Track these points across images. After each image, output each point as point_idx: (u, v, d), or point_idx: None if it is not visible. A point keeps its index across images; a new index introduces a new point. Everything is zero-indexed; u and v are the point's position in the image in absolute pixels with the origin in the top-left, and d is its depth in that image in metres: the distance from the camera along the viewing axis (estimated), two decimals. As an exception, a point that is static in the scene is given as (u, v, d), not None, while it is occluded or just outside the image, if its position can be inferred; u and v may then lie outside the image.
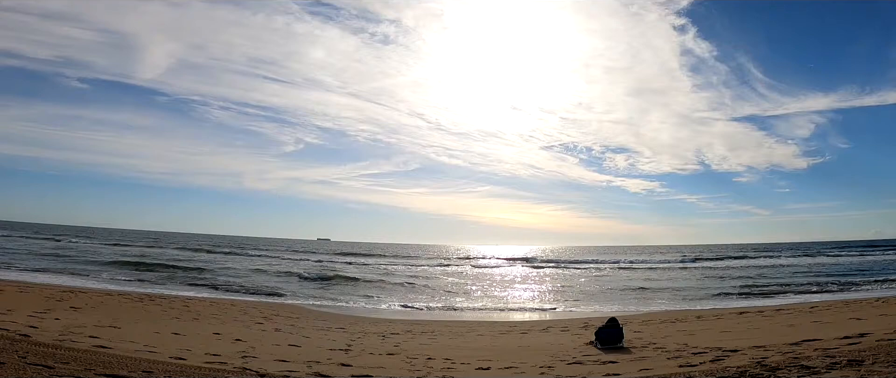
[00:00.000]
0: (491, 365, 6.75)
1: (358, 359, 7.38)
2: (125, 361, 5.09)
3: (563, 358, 7.08)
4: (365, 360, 7.37)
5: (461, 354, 7.82)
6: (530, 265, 50.50)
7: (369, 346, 8.85)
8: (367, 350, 8.31)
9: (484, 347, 8.69)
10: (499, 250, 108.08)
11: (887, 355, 4.73)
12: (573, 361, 6.78)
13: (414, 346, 8.96)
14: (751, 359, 5.53)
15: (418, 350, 8.40)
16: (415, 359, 7.49)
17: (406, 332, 10.92)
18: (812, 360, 4.99)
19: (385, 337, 10.11)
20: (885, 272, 26.84)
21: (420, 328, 11.75)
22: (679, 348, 6.98)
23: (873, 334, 6.42)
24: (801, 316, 10.23)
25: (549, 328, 10.94)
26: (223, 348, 7.29)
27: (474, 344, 9.32)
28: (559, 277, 34.15)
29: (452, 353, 7.91)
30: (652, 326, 10.02)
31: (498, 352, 8.06)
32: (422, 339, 9.90)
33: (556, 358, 7.15)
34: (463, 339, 9.91)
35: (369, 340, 9.59)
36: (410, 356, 7.70)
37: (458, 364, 7.01)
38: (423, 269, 40.41)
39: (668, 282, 28.65)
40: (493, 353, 7.97)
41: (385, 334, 10.49)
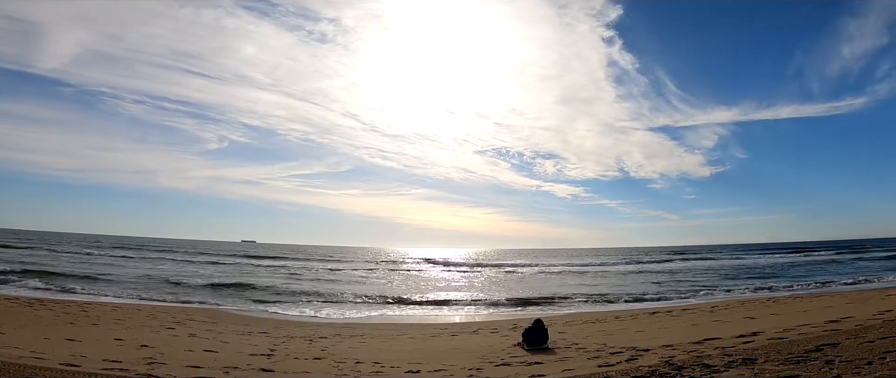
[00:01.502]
0: (421, 367, 6.73)
1: (281, 363, 7.05)
2: (5, 368, 4.48)
3: (491, 359, 7.21)
4: (289, 364, 7.06)
5: (391, 357, 7.74)
6: (462, 267, 51.16)
7: (294, 350, 8.50)
8: (291, 354, 7.98)
9: (414, 350, 8.66)
10: (432, 253, 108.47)
11: (777, 353, 5.30)
12: (501, 363, 6.92)
13: (342, 349, 8.74)
14: (660, 358, 5.96)
15: (347, 354, 8.21)
16: (343, 362, 7.30)
17: (334, 336, 10.62)
18: (712, 358, 5.48)
19: (312, 341, 9.75)
20: (777, 274, 30.26)
21: (349, 331, 11.47)
22: (599, 348, 7.37)
23: (765, 333, 7.19)
24: (704, 315, 11.22)
25: (480, 330, 11.12)
26: (125, 354, 6.67)
27: (405, 346, 9.26)
28: (490, 279, 34.93)
29: (382, 357, 7.80)
30: (575, 327, 10.51)
31: (428, 354, 8.05)
32: (351, 343, 9.68)
33: (485, 359, 7.26)
34: (393, 342, 9.81)
35: (295, 345, 9.21)
36: (338, 360, 7.50)
37: (387, 367, 6.92)
38: (355, 272, 39.59)
39: (590, 283, 30.28)
40: (423, 355, 7.95)
41: (312, 338, 10.12)
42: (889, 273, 25.55)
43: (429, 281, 34.14)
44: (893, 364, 4.11)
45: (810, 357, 4.87)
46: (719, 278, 29.77)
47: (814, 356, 4.91)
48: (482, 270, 46.00)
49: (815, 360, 4.73)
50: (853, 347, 5.16)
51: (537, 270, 44.88)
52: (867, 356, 4.56)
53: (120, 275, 26.34)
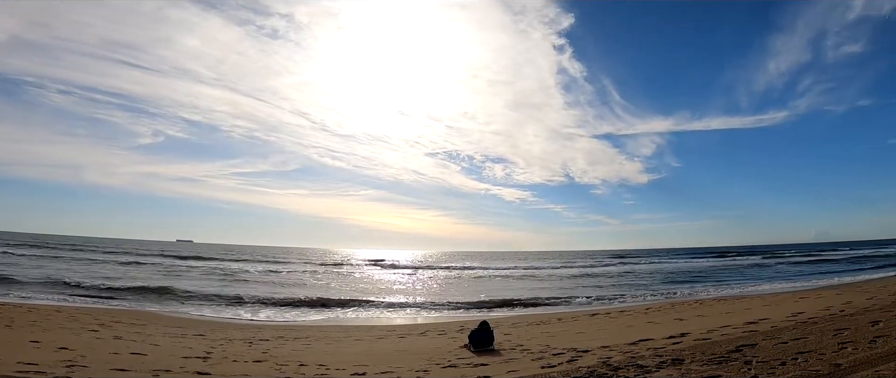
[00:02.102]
0: (367, 370, 6.65)
1: (218, 366, 6.74)
2: None
3: (438, 361, 7.25)
4: (226, 367, 6.76)
5: (336, 360, 7.60)
6: (411, 269, 50.97)
7: (233, 352, 8.14)
8: (230, 357, 7.64)
9: (360, 352, 8.55)
10: (380, 254, 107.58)
11: (702, 353, 5.70)
12: (448, 364, 6.98)
13: (285, 352, 8.48)
14: (599, 359, 6.24)
15: (290, 356, 7.98)
16: (285, 365, 7.10)
17: (277, 338, 10.27)
18: (645, 359, 5.80)
19: (252, 343, 9.38)
20: (705, 277, 32.40)
21: (293, 334, 11.14)
22: (542, 349, 7.59)
23: (692, 334, 7.70)
24: (639, 317, 11.84)
25: (427, 332, 11.14)
26: (42, 357, 6.14)
27: (351, 349, 9.11)
28: (438, 281, 35.06)
29: (327, 359, 7.65)
30: (520, 329, 10.77)
31: (375, 356, 7.98)
32: (294, 345, 9.40)
33: (432, 361, 7.29)
34: (339, 345, 9.62)
35: (234, 347, 8.82)
36: (280, 363, 7.28)
37: (332, 369, 6.80)
38: (299, 273, 38.48)
39: (535, 286, 31.10)
40: (369, 357, 7.86)
41: (252, 341, 9.74)
42: (803, 277, 28.07)
43: (377, 283, 33.78)
44: (804, 365, 4.54)
45: (731, 358, 5.28)
46: (653, 281, 31.50)
47: (734, 357, 5.33)
48: (430, 272, 46.10)
49: (735, 360, 5.13)
50: (769, 348, 5.65)
51: (484, 273, 45.56)
52: (781, 357, 5.01)
53: (35, 275, 24.12)
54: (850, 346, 5.13)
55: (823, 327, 6.93)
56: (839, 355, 4.75)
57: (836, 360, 4.55)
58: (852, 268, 32.78)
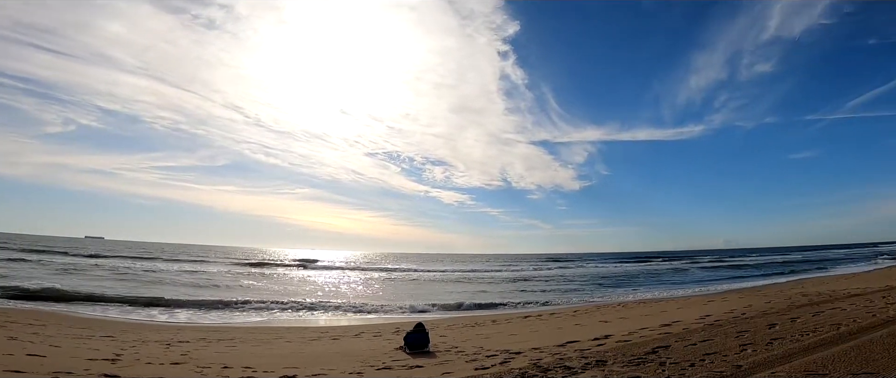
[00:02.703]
0: (297, 372, 6.44)
1: (129, 369, 6.25)
2: None
3: (372, 363, 7.17)
4: (139, 370, 6.28)
5: (264, 362, 7.29)
6: (348, 270, 50.17)
7: (147, 355, 7.57)
8: (143, 359, 7.11)
9: (291, 354, 8.25)
10: (315, 254, 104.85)
11: (623, 355, 6.08)
12: (382, 366, 6.92)
13: (208, 354, 8.00)
14: (529, 360, 6.46)
15: (213, 359, 7.55)
16: (207, 368, 6.71)
17: (199, 340, 9.68)
18: (572, 360, 6.09)
19: (170, 345, 8.77)
20: (628, 280, 34.50)
21: (217, 335, 10.54)
22: (476, 351, 7.74)
23: (614, 336, 8.18)
24: (567, 319, 12.40)
25: (362, 333, 10.97)
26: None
27: (280, 351, 8.78)
28: (376, 283, 34.68)
29: (254, 361, 7.31)
30: (455, 330, 10.91)
31: (307, 358, 7.74)
32: (218, 347, 8.90)
33: (366, 363, 7.19)
34: (268, 347, 9.23)
35: (148, 349, 8.20)
36: (202, 365, 6.87)
37: (260, 372, 6.52)
38: (225, 273, 36.53)
39: (471, 288, 31.60)
40: (301, 359, 7.62)
41: (170, 342, 9.10)
42: (712, 281, 30.69)
43: (310, 284, 32.83)
44: (711, 366, 4.98)
45: (648, 359, 5.67)
46: (582, 284, 33.13)
47: (650, 358, 5.73)
48: (367, 273, 45.52)
49: (652, 361, 5.52)
50: (681, 350, 6.14)
51: (422, 275, 45.67)
52: (691, 358, 5.46)
53: None
54: (750, 348, 5.70)
55: (728, 330, 7.63)
56: (740, 357, 5.27)
57: (738, 361, 5.04)
58: (754, 273, 36.36)
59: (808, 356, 4.92)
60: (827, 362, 4.59)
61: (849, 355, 4.78)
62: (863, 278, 19.90)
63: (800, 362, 4.69)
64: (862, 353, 4.79)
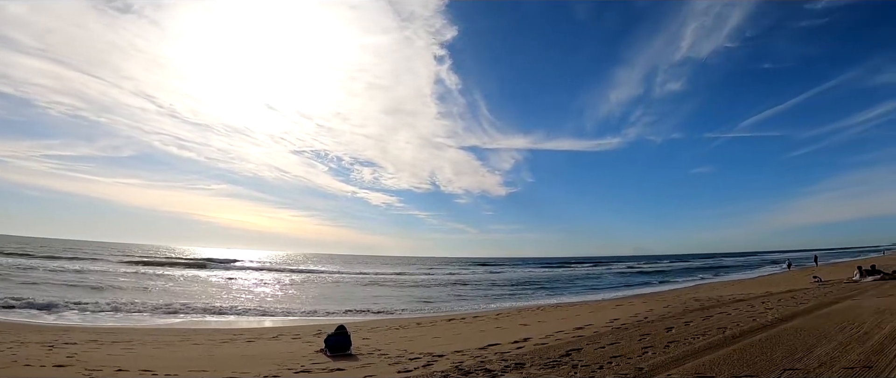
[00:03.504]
0: (205, 376, 6.02)
1: (3, 371, 5.49)
2: None
3: (290, 366, 6.88)
4: (15, 372, 5.58)
5: (167, 365, 6.73)
6: (268, 270, 48.09)
7: (26, 356, 6.71)
8: (20, 361, 6.31)
9: (198, 357, 7.69)
10: (232, 254, 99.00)
11: (540, 358, 6.36)
12: (301, 370, 6.67)
13: (99, 356, 7.25)
14: (452, 363, 6.56)
15: (105, 361, 6.85)
16: (97, 370, 6.10)
17: (89, 342, 8.73)
18: (493, 363, 6.27)
19: (54, 347, 7.83)
20: (548, 284, 36.11)
21: (110, 337, 9.58)
22: (400, 354, 7.70)
23: (532, 339, 8.53)
24: (490, 322, 12.74)
25: (280, 336, 10.49)
26: None
27: (186, 353, 8.15)
28: (298, 284, 33.39)
29: (155, 364, 6.73)
30: (379, 333, 10.78)
31: (217, 361, 7.25)
32: (112, 350, 8.08)
33: (283, 366, 6.89)
34: (171, 349, 8.53)
35: (27, 351, 7.27)
36: (91, 368, 6.22)
37: (161, 376, 6.02)
38: (125, 271, 33.36)
39: (397, 290, 31.44)
40: (210, 362, 7.12)
41: (54, 344, 8.13)
42: (621, 287, 33.07)
43: (224, 285, 30.88)
44: (617, 368, 5.36)
45: (562, 362, 5.99)
46: (506, 288, 34.22)
47: (564, 361, 6.06)
48: (288, 274, 43.74)
49: (565, 364, 5.84)
50: (591, 352, 6.55)
51: (346, 276, 44.72)
52: (600, 361, 5.84)
53: None
54: (651, 351, 6.22)
55: (632, 333, 8.27)
56: (642, 359, 5.73)
57: (640, 363, 5.48)
58: (657, 279, 39.71)
59: (698, 359, 5.47)
60: (714, 364, 5.13)
61: (733, 357, 5.38)
62: (748, 284, 22.48)
63: (692, 364, 5.20)
64: (744, 356, 5.41)
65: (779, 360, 5.01)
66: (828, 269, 30.02)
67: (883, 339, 5.70)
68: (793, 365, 4.76)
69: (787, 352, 5.43)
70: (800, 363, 4.81)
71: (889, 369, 4.29)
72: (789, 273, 32.45)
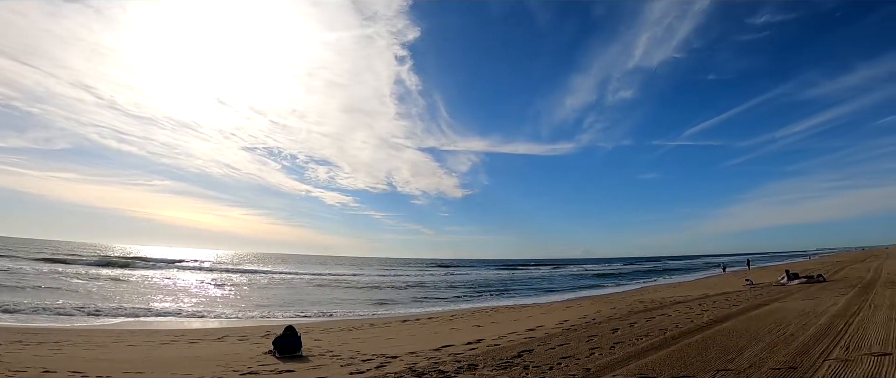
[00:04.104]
0: None
1: None
2: None
3: (236, 368, 6.63)
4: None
5: (99, 367, 6.33)
6: (214, 270, 46.28)
7: (-65, 363, 6.09)
8: (-70, 368, 5.71)
9: (136, 359, 7.27)
10: (175, 253, 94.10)
11: (492, 359, 6.46)
12: (247, 372, 6.44)
13: (23, 358, 6.72)
14: (406, 364, 6.53)
15: (30, 362, 6.37)
16: (21, 372, 5.66)
17: (12, 343, 8.08)
18: (446, 364, 6.31)
19: (-30, 349, 7.16)
20: (501, 286, 36.70)
21: (36, 338, 8.89)
22: (352, 355, 7.59)
23: (485, 340, 8.64)
24: (444, 323, 12.79)
25: (226, 337, 10.08)
26: None
27: (122, 355, 7.69)
28: (247, 285, 32.25)
29: (86, 366, 6.31)
30: (331, 334, 10.57)
31: (155, 363, 6.88)
32: (38, 351, 7.50)
33: (228, 368, 6.63)
34: (104, 350, 8.02)
35: (-64, 355, 6.60)
36: (15, 370, 5.79)
37: (92, 377, 5.65)
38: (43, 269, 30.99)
39: (351, 292, 30.99)
40: (148, 364, 6.76)
41: (-29, 345, 7.43)
42: (572, 289, 34.11)
43: (169, 283, 29.30)
44: (566, 369, 5.52)
45: (514, 363, 6.11)
46: (461, 289, 34.49)
47: (516, 362, 6.18)
48: (235, 275, 42.18)
49: (517, 365, 5.96)
50: (542, 353, 6.71)
51: (298, 277, 43.63)
52: (550, 362, 6.00)
53: None
54: (598, 352, 6.46)
55: (581, 334, 8.55)
56: (589, 360, 5.94)
57: (587, 364, 5.68)
58: (605, 281, 41.26)
59: (641, 359, 5.73)
60: (655, 365, 5.39)
61: (672, 358, 5.68)
62: (687, 287, 23.77)
63: (635, 365, 5.44)
64: (682, 357, 5.72)
65: (713, 361, 5.34)
66: (759, 272, 32.27)
67: (807, 341, 6.20)
68: (725, 366, 5.08)
69: (720, 352, 5.80)
70: (732, 364, 5.14)
71: (813, 370, 4.66)
72: (724, 276, 34.58)
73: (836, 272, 24.02)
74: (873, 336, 6.10)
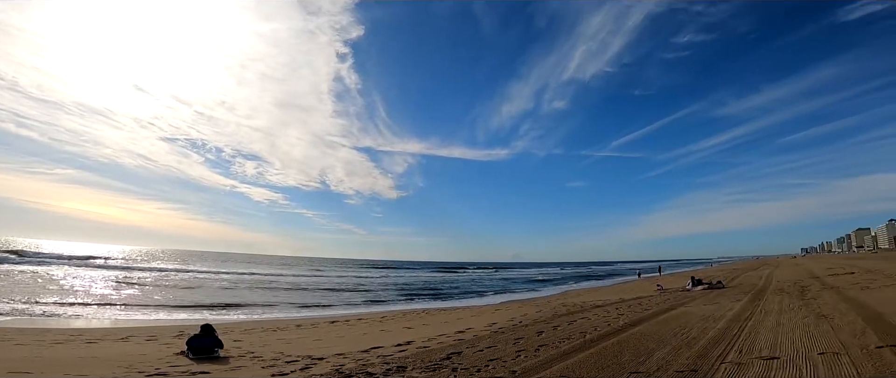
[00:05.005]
0: (28, 383, 5.10)
1: None
2: None
3: (142, 369, 6.11)
4: None
5: (-26, 373, 5.54)
6: (121, 267, 42.52)
7: None
8: None
9: (22, 358, 6.48)
10: (79, 248, 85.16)
11: (422, 361, 6.46)
12: (155, 373, 5.96)
13: None
14: (332, 366, 6.36)
15: None
16: None
17: None
18: (375, 366, 6.22)
19: None
20: (433, 288, 36.86)
21: None
22: (275, 357, 7.27)
23: (415, 342, 8.64)
24: (374, 325, 12.63)
25: (131, 337, 9.26)
26: None
27: (5, 354, 6.85)
28: (159, 283, 29.86)
29: (-43, 372, 5.51)
30: (253, 335, 10.05)
31: (46, 363, 6.19)
32: None
33: (132, 369, 6.10)
34: (-17, 351, 7.07)
35: None
36: None
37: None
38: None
39: (279, 292, 29.68)
40: (37, 364, 6.06)
41: None
42: (502, 291, 35.03)
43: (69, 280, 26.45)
44: (493, 371, 5.65)
45: (443, 365, 6.16)
46: (392, 291, 34.27)
47: (445, 364, 6.23)
48: (146, 273, 39.01)
49: (446, 367, 6.01)
50: (470, 355, 6.82)
51: (218, 276, 41.22)
52: (478, 364, 6.11)
53: None
54: (523, 354, 6.68)
55: (508, 337, 8.80)
56: (515, 362, 6.13)
57: (513, 366, 5.85)
58: (533, 285, 42.84)
59: (563, 362, 6.01)
60: (576, 367, 5.68)
61: (591, 361, 6.01)
62: (606, 291, 25.27)
63: (558, 367, 5.69)
64: (600, 359, 6.07)
65: (626, 364, 5.72)
66: (669, 278, 35.01)
67: (706, 344, 6.81)
68: (637, 368, 5.47)
69: (633, 355, 6.23)
70: (642, 366, 5.54)
71: (711, 372, 5.14)
72: (639, 282, 37.20)
73: (733, 279, 26.68)
74: (763, 340, 6.85)
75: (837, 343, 6.09)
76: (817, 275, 24.17)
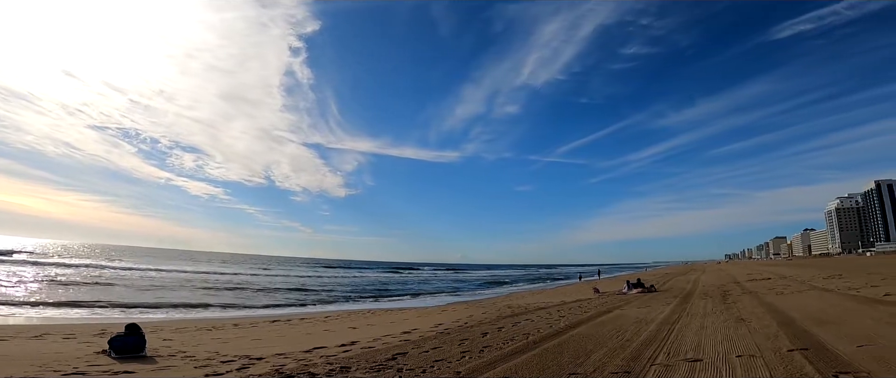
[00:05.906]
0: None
1: None
2: None
3: (57, 368, 5.61)
4: None
5: None
6: (36, 262, 39.06)
7: None
8: None
9: None
10: None
11: (366, 361, 6.37)
12: (73, 372, 5.50)
13: None
14: (272, 366, 6.13)
15: None
16: None
17: None
18: (318, 366, 6.06)
19: None
20: (382, 288, 36.47)
21: None
22: (209, 356, 6.90)
23: (360, 343, 8.50)
24: (318, 324, 12.30)
25: (45, 335, 8.46)
26: None
27: None
28: (79, 279, 27.56)
29: None
30: (186, 334, 9.48)
31: (-63, 370, 5.51)
32: None
33: (46, 368, 5.60)
34: None
35: None
36: None
37: None
38: None
39: (216, 291, 28.25)
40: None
41: None
42: (448, 292, 35.25)
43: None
44: (438, 372, 5.67)
45: (387, 365, 6.10)
46: (337, 290, 33.56)
47: (390, 364, 6.18)
48: (68, 267, 35.92)
49: (391, 367, 5.96)
50: (416, 356, 6.81)
51: (147, 273, 38.71)
52: (423, 365, 6.11)
53: None
54: (468, 355, 6.75)
55: (453, 338, 8.87)
56: (460, 363, 6.18)
57: (458, 367, 5.90)
58: (479, 286, 43.44)
59: (507, 363, 6.13)
60: (519, 368, 5.81)
61: (533, 362, 6.17)
62: (549, 294, 26.08)
63: (501, 368, 5.80)
64: (541, 360, 6.25)
65: (566, 365, 5.92)
66: (607, 281, 36.69)
67: (639, 346, 7.19)
68: (575, 369, 5.68)
69: (572, 357, 6.46)
70: (580, 367, 5.76)
71: (643, 373, 5.43)
72: (579, 284, 38.68)
73: (664, 283, 28.37)
74: (688, 343, 7.33)
75: (754, 346, 6.63)
76: (738, 280, 26.22)
